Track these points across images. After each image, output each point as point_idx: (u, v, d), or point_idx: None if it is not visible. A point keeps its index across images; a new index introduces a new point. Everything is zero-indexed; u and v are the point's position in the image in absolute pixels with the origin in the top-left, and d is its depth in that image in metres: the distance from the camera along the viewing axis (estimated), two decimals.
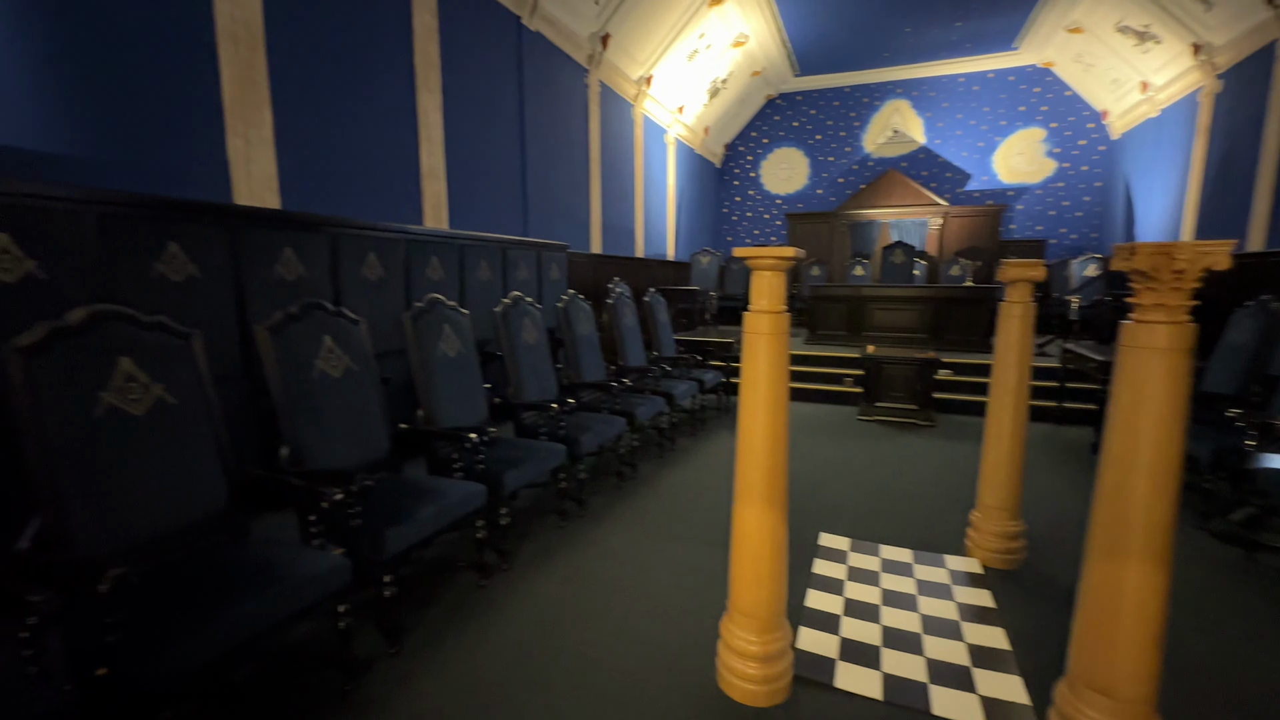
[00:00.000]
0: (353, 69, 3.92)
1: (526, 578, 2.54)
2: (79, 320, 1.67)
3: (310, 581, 1.70)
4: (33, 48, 2.46)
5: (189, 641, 1.41)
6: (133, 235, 2.51)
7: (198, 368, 1.92)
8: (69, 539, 1.54)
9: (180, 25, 2.91)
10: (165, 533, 1.74)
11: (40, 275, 2.21)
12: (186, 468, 1.83)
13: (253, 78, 3.15)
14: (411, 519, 2.08)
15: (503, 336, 3.41)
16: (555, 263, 5.83)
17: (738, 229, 12.73)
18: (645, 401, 3.95)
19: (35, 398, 1.55)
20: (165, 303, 2.62)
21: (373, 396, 2.52)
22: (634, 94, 8.29)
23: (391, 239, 3.85)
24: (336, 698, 1.82)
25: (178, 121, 2.92)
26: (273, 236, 3.08)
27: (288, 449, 2.16)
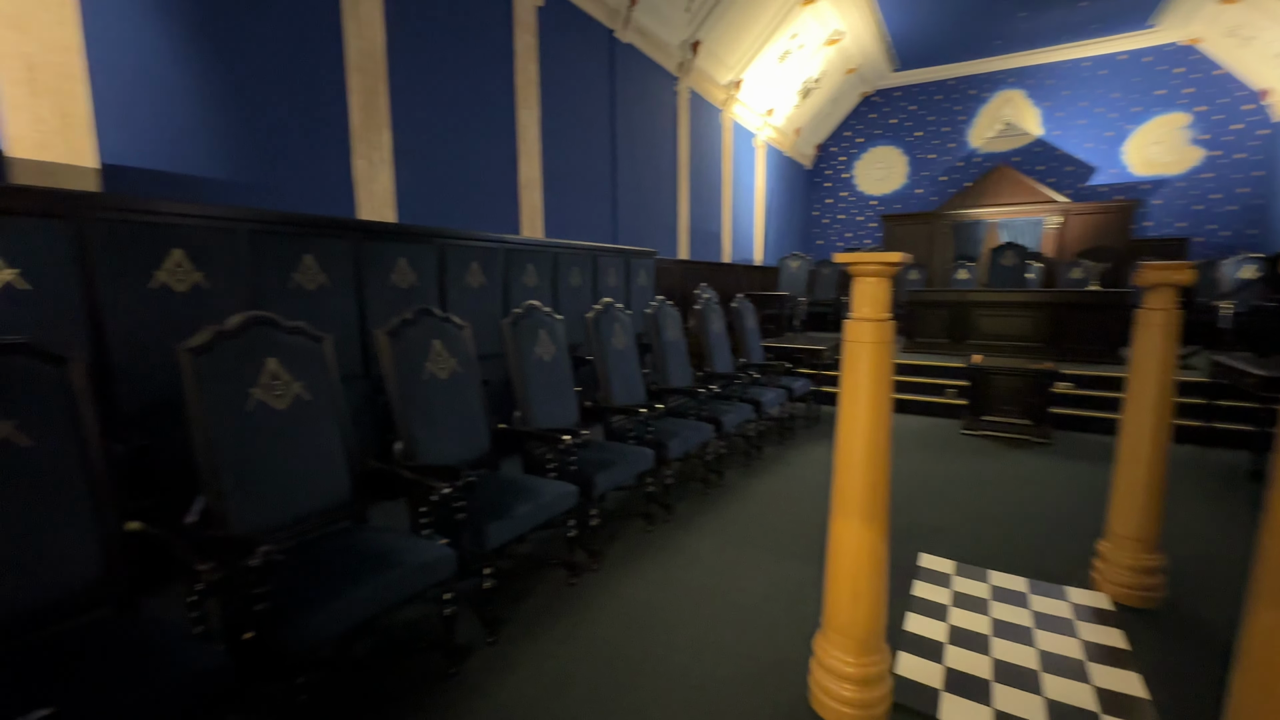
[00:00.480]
0: (460, 91, 4.19)
1: (615, 579, 2.59)
2: (236, 325, 1.90)
3: (422, 568, 1.83)
4: (200, 88, 2.84)
5: (322, 614, 1.56)
6: (276, 249, 2.82)
7: (328, 368, 2.13)
8: (225, 518, 1.76)
9: (317, 62, 3.25)
10: (301, 516, 1.93)
11: (205, 285, 2.54)
12: (319, 458, 2.02)
13: (375, 104, 3.46)
14: (510, 515, 2.19)
15: (593, 341, 3.51)
16: (643, 269, 5.91)
17: (828, 232, 12.32)
18: (732, 408, 3.91)
19: (201, 392, 1.78)
20: (300, 309, 2.92)
21: (475, 397, 2.67)
22: (723, 99, 8.26)
23: (492, 248, 4.07)
24: (441, 679, 1.94)
25: (313, 146, 3.26)
26: (389, 248, 3.35)
27: (401, 444, 2.34)
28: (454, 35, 4.14)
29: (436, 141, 4.04)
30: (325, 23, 3.28)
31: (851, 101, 11.32)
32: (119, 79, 2.53)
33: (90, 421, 1.56)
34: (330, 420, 2.09)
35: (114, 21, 2.51)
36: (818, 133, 11.52)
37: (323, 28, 3.26)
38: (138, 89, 2.62)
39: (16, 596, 1.38)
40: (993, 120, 10.54)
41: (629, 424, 3.26)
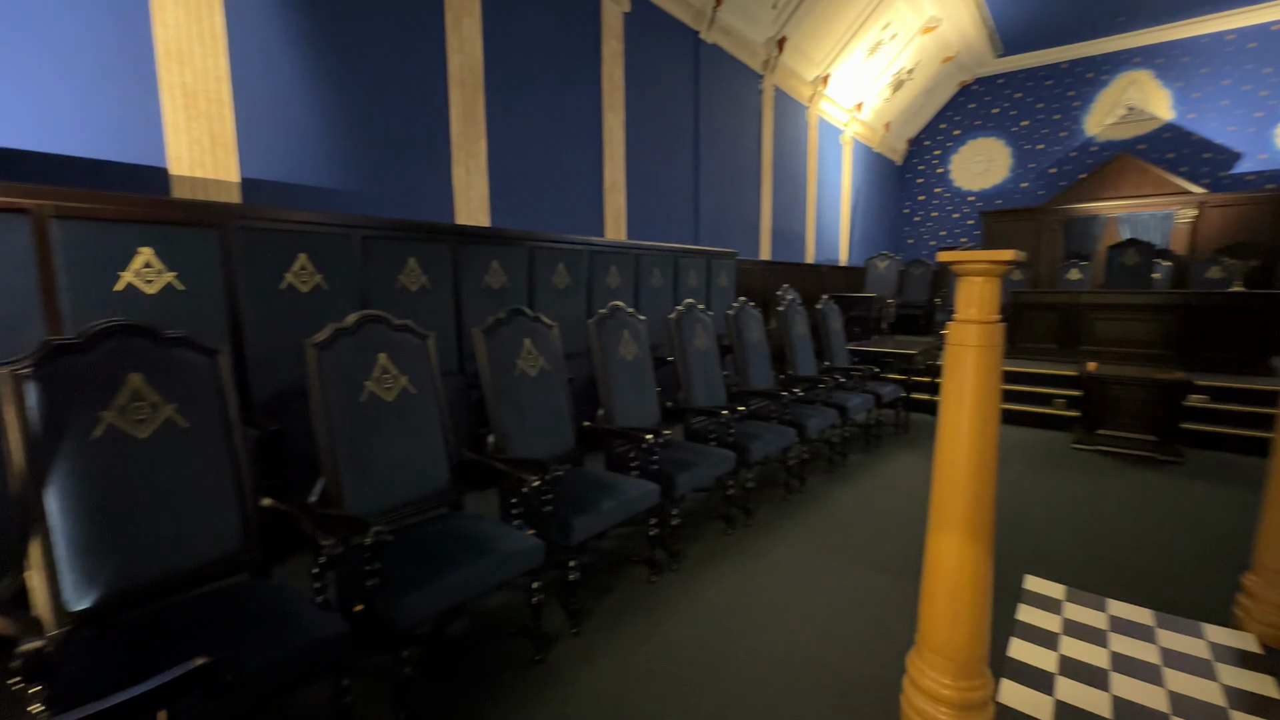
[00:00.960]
0: (549, 99, 4.35)
1: (695, 579, 2.59)
2: (353, 322, 2.07)
3: (513, 556, 1.91)
4: (322, 108, 3.12)
5: (423, 593, 1.67)
6: (384, 253, 3.05)
7: (431, 363, 2.27)
8: (341, 499, 1.92)
9: (423, 78, 3.49)
10: (405, 501, 2.08)
11: (324, 286, 2.78)
12: (421, 448, 2.17)
13: (474, 115, 3.65)
14: (595, 510, 2.24)
15: (675, 342, 3.52)
16: (724, 270, 5.87)
17: (920, 231, 11.69)
18: (816, 413, 3.81)
19: (323, 383, 1.95)
20: (403, 309, 3.14)
21: (562, 395, 2.76)
22: (809, 95, 8.04)
23: (577, 250, 4.18)
24: (527, 664, 2.02)
25: (418, 157, 3.50)
26: (483, 251, 3.52)
27: (493, 437, 2.46)
28: (545, 45, 4.30)
29: (527, 148, 4.21)
30: (431, 41, 3.50)
31: (948, 91, 10.69)
32: (257, 102, 2.83)
33: (234, 407, 1.75)
34: (432, 413, 2.23)
35: (255, 52, 2.81)
36: (909, 126, 10.96)
37: (429, 46, 3.49)
38: (272, 110, 2.91)
39: (176, 559, 1.57)
40: (1113, 105, 9.59)
41: (710, 425, 3.25)
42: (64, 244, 2.08)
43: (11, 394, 1.40)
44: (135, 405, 1.55)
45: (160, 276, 2.29)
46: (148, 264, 2.26)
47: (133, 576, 1.49)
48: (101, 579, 1.44)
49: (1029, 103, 10.29)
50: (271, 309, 2.63)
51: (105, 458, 1.49)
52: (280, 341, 2.64)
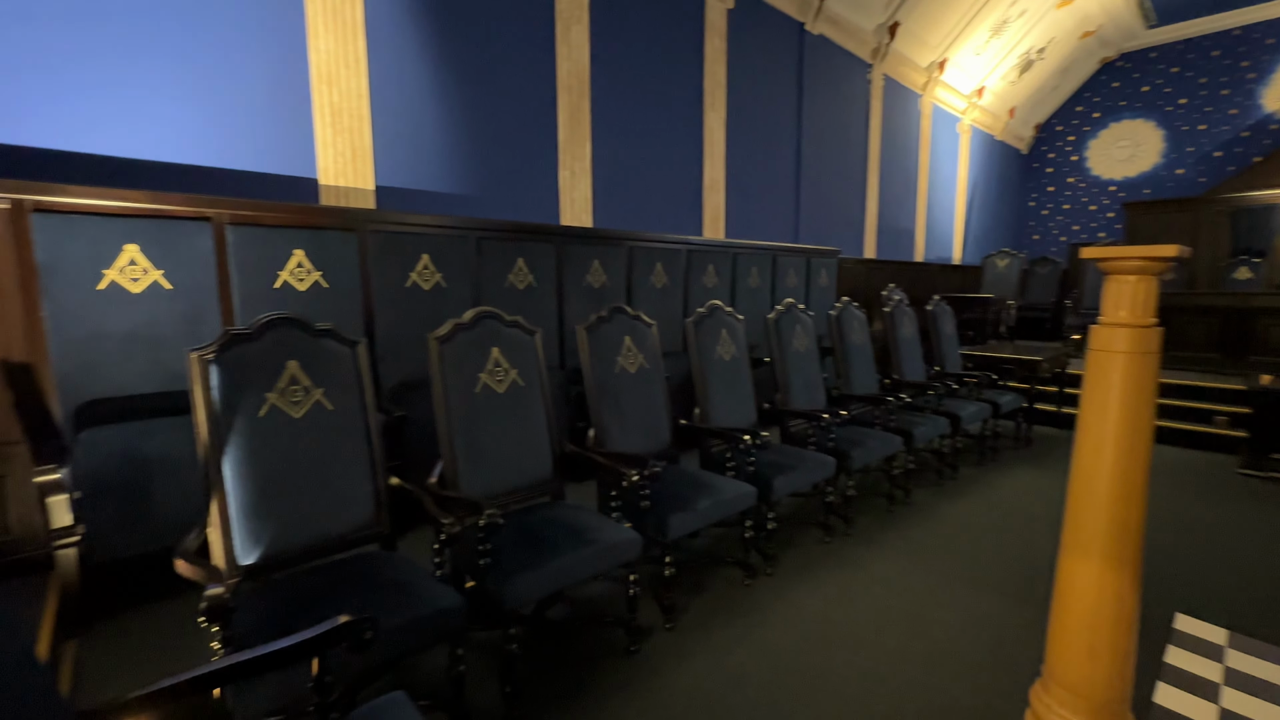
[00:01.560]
0: (651, 100, 4.40)
1: (791, 586, 2.53)
2: (470, 318, 2.22)
3: (612, 548, 1.97)
4: (444, 118, 3.36)
5: (529, 576, 1.76)
6: (496, 253, 3.24)
7: (538, 359, 2.39)
8: (457, 482, 2.06)
9: (534, 85, 3.66)
10: (512, 487, 2.20)
11: (443, 284, 3.00)
12: (528, 438, 2.28)
13: (579, 118, 3.79)
14: (691, 508, 2.25)
15: (773, 343, 3.45)
16: (825, 269, 5.66)
17: (1047, 225, 10.64)
18: (925, 421, 3.59)
19: (443, 374, 2.11)
20: (511, 306, 3.31)
21: (659, 392, 2.79)
22: (922, 83, 7.56)
23: (675, 249, 4.21)
24: (623, 654, 2.07)
25: (528, 161, 3.68)
26: (585, 250, 3.64)
27: (593, 431, 2.54)
28: (647, 48, 4.36)
29: (629, 150, 4.29)
30: (542, 51, 3.67)
31: (1087, 70, 9.63)
32: (391, 116, 3.10)
33: (369, 393, 1.94)
34: (538, 405, 2.34)
35: (390, 71, 3.09)
36: (1038, 111, 10.00)
37: (540, 56, 3.66)
38: (402, 123, 3.18)
39: (320, 527, 1.77)
40: None
41: (809, 429, 3.16)
42: (236, 247, 2.40)
43: (200, 375, 1.63)
44: (292, 388, 1.75)
45: (310, 275, 2.57)
46: (300, 264, 2.55)
47: (287, 539, 1.70)
48: (264, 539, 1.65)
49: (1188, 78, 9.04)
50: (397, 305, 2.88)
51: (268, 433, 1.70)
52: (404, 335, 2.88)
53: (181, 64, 2.49)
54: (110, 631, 2.09)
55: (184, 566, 1.49)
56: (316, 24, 2.71)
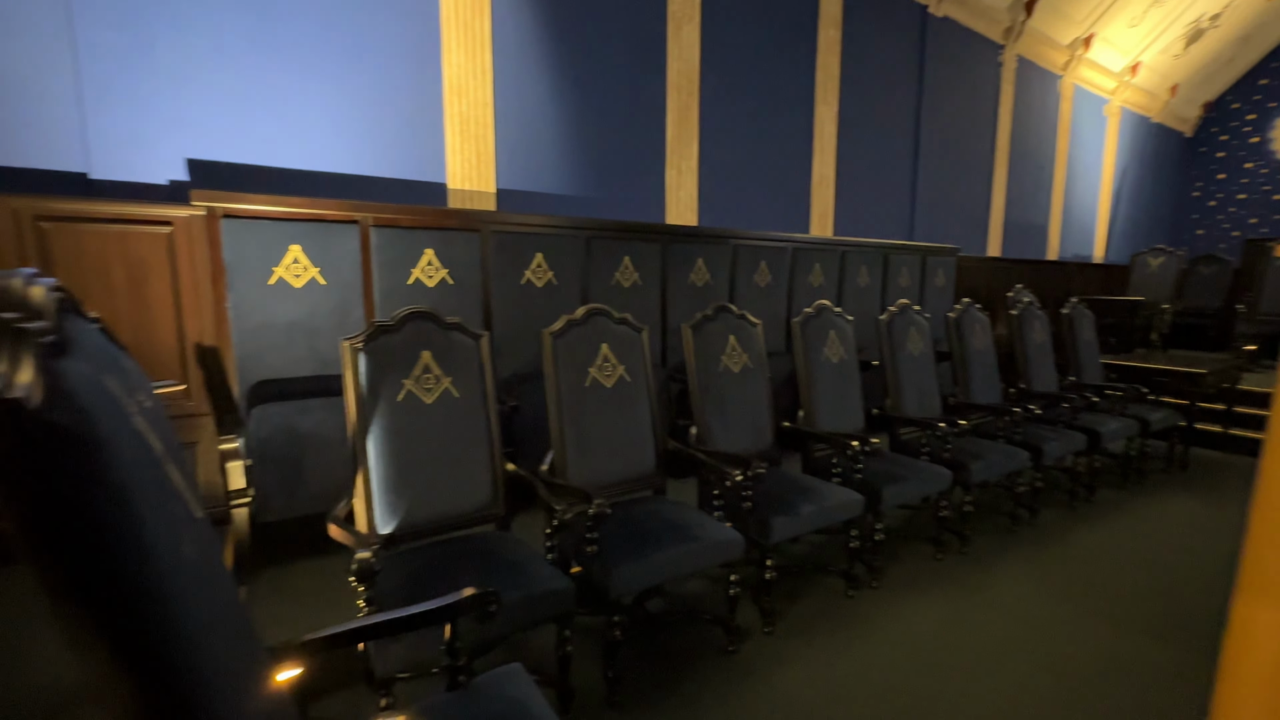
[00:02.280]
0: (760, 95, 4.34)
1: (896, 601, 2.41)
2: (581, 315, 2.31)
3: (715, 546, 1.98)
4: (559, 122, 3.51)
5: (632, 566, 1.81)
6: (604, 252, 3.34)
7: (645, 355, 2.44)
8: (565, 471, 2.16)
9: (644, 86, 3.73)
10: (617, 480, 2.27)
11: (554, 282, 3.14)
12: (633, 433, 2.34)
13: (687, 117, 3.81)
14: (794, 513, 2.21)
15: (884, 346, 3.29)
16: (942, 268, 5.30)
17: (1216, 218, 9.26)
18: (1056, 435, 3.27)
19: (556, 367, 2.21)
20: (617, 304, 3.40)
21: (763, 393, 2.76)
22: (1063, 62, 6.84)
23: (780, 247, 4.12)
24: (720, 652, 2.07)
25: (636, 161, 3.76)
26: (689, 249, 3.66)
27: (696, 429, 2.55)
28: (758, 43, 4.29)
29: (736, 147, 4.26)
30: (653, 52, 3.73)
31: (1275, 37, 8.25)
32: (512, 123, 3.30)
33: (490, 383, 2.08)
34: (644, 402, 2.39)
35: (512, 81, 3.28)
36: (1208, 87, 8.71)
37: (651, 57, 3.73)
38: (522, 129, 3.37)
39: (445, 504, 1.92)
40: None
41: (921, 438, 2.98)
42: (378, 247, 2.66)
43: (351, 362, 1.83)
44: (425, 376, 1.92)
45: (438, 272, 2.79)
46: (430, 262, 2.77)
47: (417, 513, 1.86)
48: (399, 512, 1.83)
49: None
50: (512, 301, 3.05)
51: (405, 416, 1.87)
52: (517, 330, 3.04)
53: (339, 86, 2.79)
54: (271, 582, 2.40)
55: (336, 531, 1.68)
56: (450, 41, 2.94)
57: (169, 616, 0.59)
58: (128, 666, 0.55)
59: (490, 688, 1.25)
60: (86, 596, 0.52)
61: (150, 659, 0.56)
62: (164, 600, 0.59)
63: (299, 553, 2.55)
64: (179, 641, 0.60)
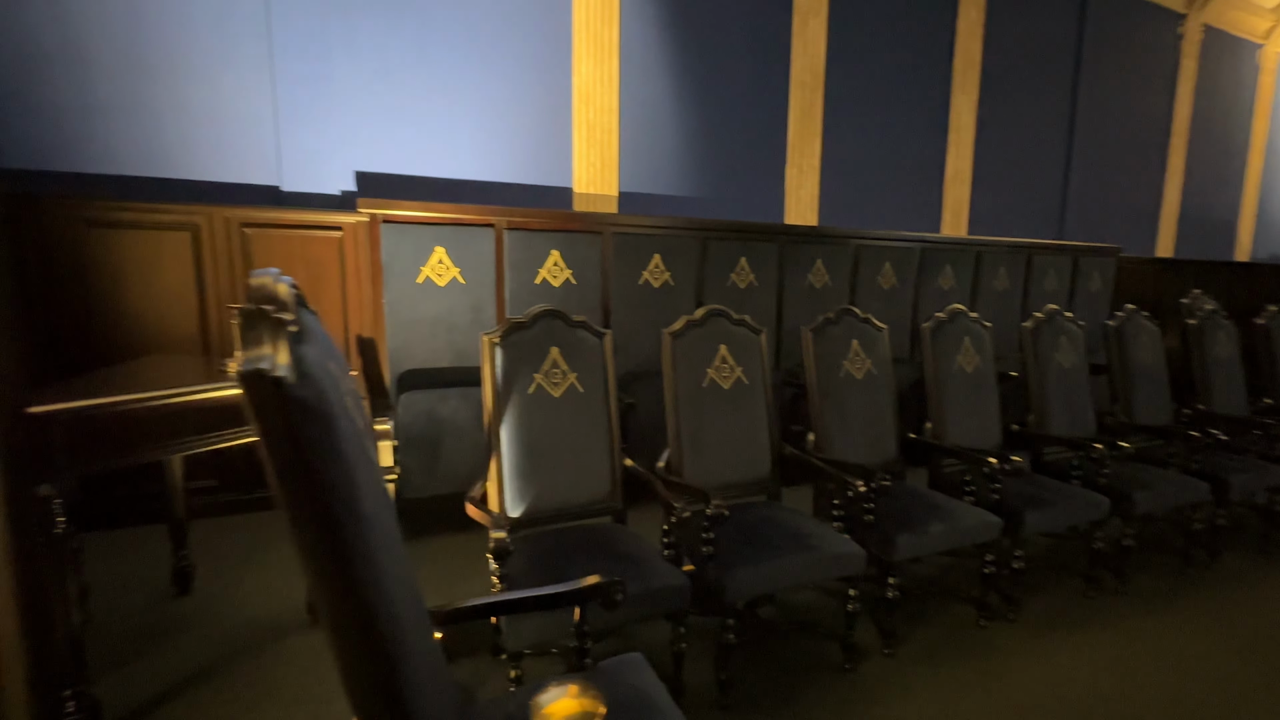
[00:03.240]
0: (890, 89, 4.11)
1: (1039, 639, 2.19)
2: (700, 315, 2.32)
3: (834, 559, 1.91)
4: (680, 125, 3.55)
5: (748, 571, 1.80)
6: (720, 253, 3.33)
7: (763, 358, 2.40)
8: (681, 470, 2.18)
9: (765, 85, 3.68)
10: (731, 482, 2.25)
11: (670, 283, 3.19)
12: (748, 436, 2.32)
13: (810, 114, 3.70)
14: (922, 530, 2.08)
15: (1028, 356, 2.99)
16: (1098, 269, 4.72)
17: None
18: (1247, 467, 2.81)
19: (674, 367, 2.24)
20: (731, 305, 3.36)
21: (887, 401, 2.62)
22: (1265, 29, 5.83)
23: (907, 248, 3.88)
24: (836, 670, 1.99)
25: (755, 161, 3.72)
26: (808, 250, 3.55)
27: (813, 435, 2.47)
28: (890, 33, 4.07)
29: (862, 143, 4.07)
30: (777, 49, 3.67)
31: None
32: (635, 128, 3.38)
33: (612, 380, 2.15)
34: (760, 405, 2.36)
35: (637, 87, 3.37)
36: None
37: (774, 54, 3.66)
38: (644, 133, 3.45)
39: (568, 494, 2.02)
40: None
41: (1072, 459, 2.68)
42: (510, 248, 2.84)
43: (489, 355, 1.97)
44: (553, 371, 2.03)
45: (562, 273, 2.93)
46: (555, 263, 2.92)
47: (543, 500, 1.97)
48: (527, 497, 1.94)
49: None
50: (630, 301, 3.13)
51: (534, 408, 1.99)
52: (634, 329, 3.12)
53: (480, 100, 3.02)
54: (411, 554, 2.64)
55: (473, 510, 1.82)
56: (580, 50, 3.07)
57: (373, 560, 0.68)
58: (343, 589, 0.63)
59: (614, 673, 1.29)
60: (321, 536, 0.61)
61: (359, 586, 0.65)
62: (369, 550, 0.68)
63: (433, 529, 2.78)
64: (380, 583, 0.69)
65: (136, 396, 1.36)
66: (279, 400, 0.56)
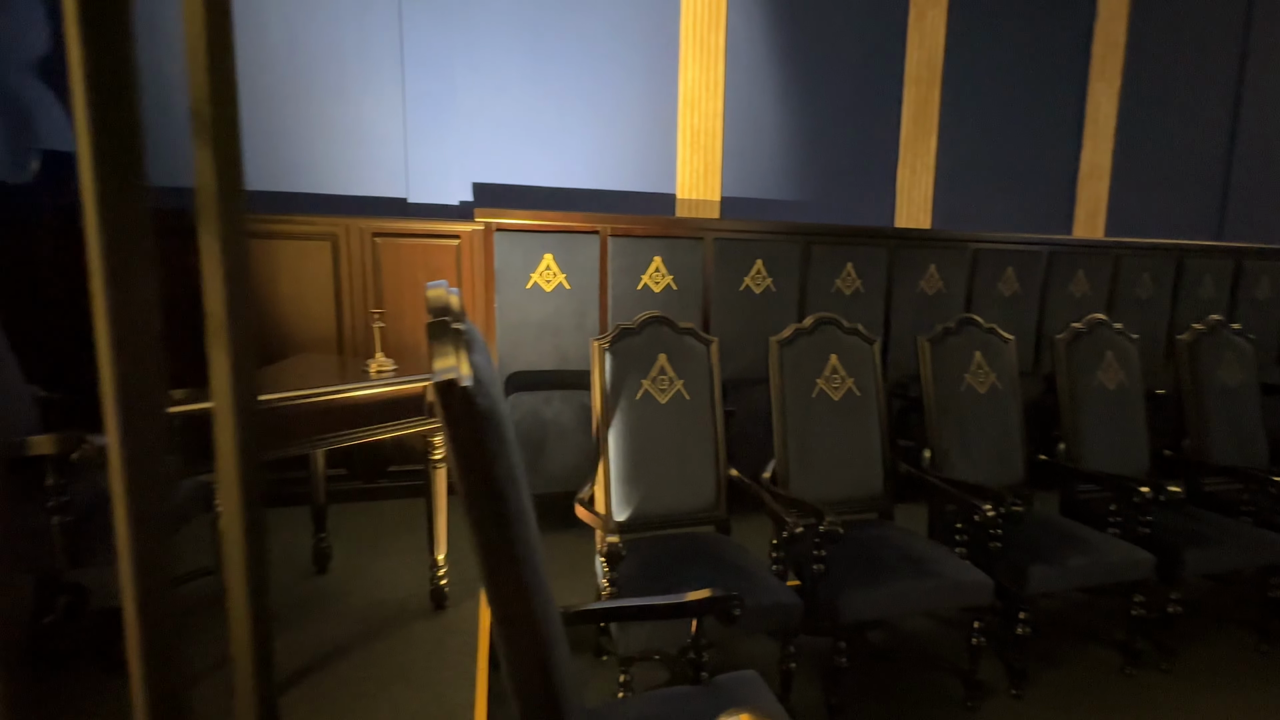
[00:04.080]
0: (1017, 79, 3.80)
1: (1199, 696, 1.93)
2: (810, 323, 2.24)
3: (958, 587, 1.78)
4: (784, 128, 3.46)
5: (865, 593, 1.71)
6: (825, 258, 3.21)
7: (876, 368, 2.29)
8: (787, 483, 2.12)
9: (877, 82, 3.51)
10: (840, 499, 2.15)
11: (772, 289, 3.11)
12: (859, 450, 2.21)
13: (926, 111, 3.49)
14: (1060, 563, 1.89)
15: (1184, 372, 2.66)
16: (1267, 275, 4.11)
17: None
18: None
19: (782, 376, 2.18)
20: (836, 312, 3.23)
21: (1013, 418, 2.41)
22: None
23: (1032, 251, 3.57)
24: (958, 707, 1.86)
25: (863, 161, 3.56)
26: (921, 254, 3.35)
27: (929, 452, 2.32)
28: (1019, 19, 3.76)
29: (982, 139, 3.80)
30: (890, 44, 3.50)
31: None
32: (739, 133, 3.34)
33: (717, 388, 2.12)
34: (873, 418, 2.24)
35: (742, 91, 3.32)
36: None
37: (888, 50, 3.50)
38: (747, 137, 3.39)
39: (673, 500, 2.01)
40: None
41: (1243, 493, 2.35)
42: (613, 254, 2.88)
43: (598, 360, 2.01)
44: (660, 378, 2.03)
45: (664, 278, 2.94)
46: (657, 269, 2.93)
47: (648, 506, 1.97)
48: (633, 502, 1.96)
49: None
50: (731, 307, 3.09)
51: (641, 414, 2.00)
52: (735, 335, 3.07)
53: (589, 107, 3.10)
54: None
55: (582, 512, 1.86)
56: (686, 56, 3.08)
57: (530, 557, 0.70)
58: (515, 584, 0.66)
59: (733, 690, 1.27)
60: (500, 534, 0.63)
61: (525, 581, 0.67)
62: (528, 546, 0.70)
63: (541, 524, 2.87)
64: (536, 578, 0.71)
65: (310, 392, 1.51)
66: (468, 409, 0.59)
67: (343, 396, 1.57)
